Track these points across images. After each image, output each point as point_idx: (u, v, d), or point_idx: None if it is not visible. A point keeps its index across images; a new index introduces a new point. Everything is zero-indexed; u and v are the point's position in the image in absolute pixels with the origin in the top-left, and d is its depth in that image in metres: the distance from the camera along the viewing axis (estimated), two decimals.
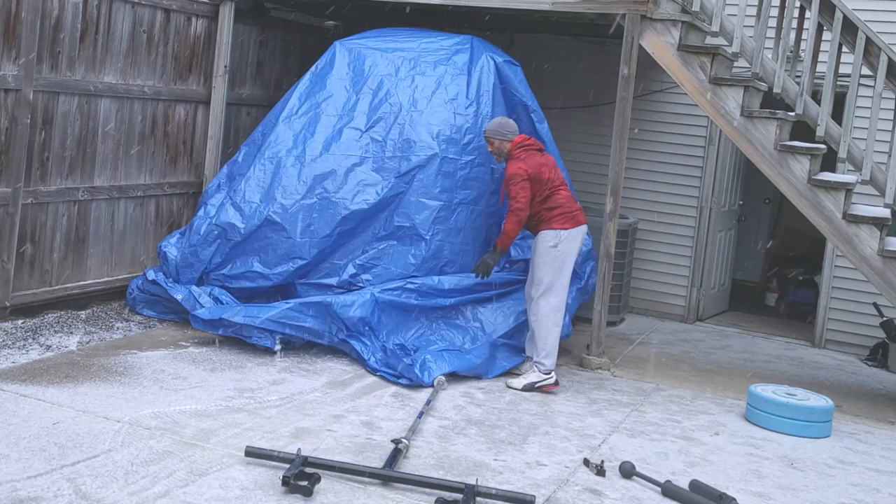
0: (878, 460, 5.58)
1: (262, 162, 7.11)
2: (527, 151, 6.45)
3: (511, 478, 4.68)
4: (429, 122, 7.01)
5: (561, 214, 6.40)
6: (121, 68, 7.13)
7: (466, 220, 6.92)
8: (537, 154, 6.50)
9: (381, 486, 4.40)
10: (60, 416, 4.88)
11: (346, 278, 6.77)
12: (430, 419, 5.47)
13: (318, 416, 5.33)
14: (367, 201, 6.83)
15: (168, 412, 5.10)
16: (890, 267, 6.41)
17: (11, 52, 6.27)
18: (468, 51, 7.32)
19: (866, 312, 8.32)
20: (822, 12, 6.52)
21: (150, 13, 7.33)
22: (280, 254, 6.81)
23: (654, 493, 4.68)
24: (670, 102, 9.02)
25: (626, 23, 6.84)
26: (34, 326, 6.46)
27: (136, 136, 7.36)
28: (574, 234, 6.43)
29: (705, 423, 5.95)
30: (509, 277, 6.93)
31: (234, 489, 4.21)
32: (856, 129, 7.17)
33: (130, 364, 5.92)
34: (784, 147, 6.62)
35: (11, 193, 6.38)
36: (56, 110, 6.67)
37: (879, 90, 6.43)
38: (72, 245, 6.96)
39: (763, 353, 8.18)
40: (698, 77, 6.80)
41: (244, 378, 5.88)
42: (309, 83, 7.42)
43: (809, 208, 6.59)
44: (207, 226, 7.04)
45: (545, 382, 6.27)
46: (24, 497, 3.92)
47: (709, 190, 8.98)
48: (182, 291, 6.83)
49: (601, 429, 5.62)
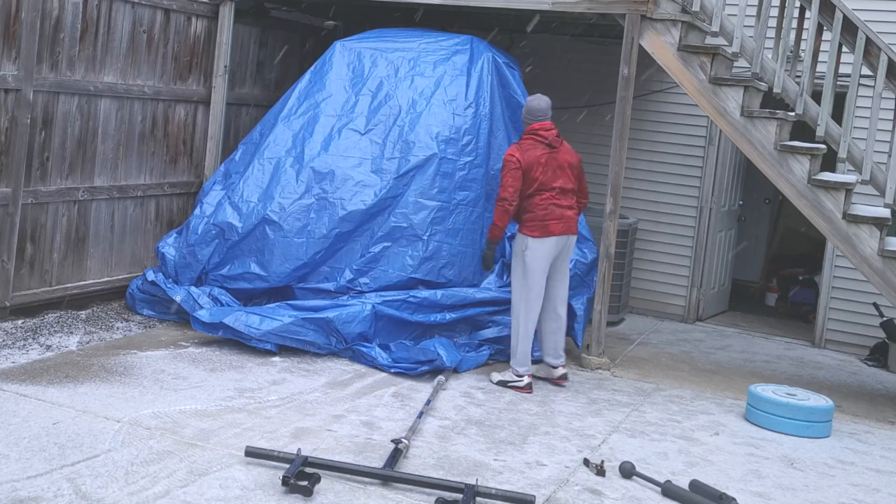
0: (878, 460, 5.58)
1: (261, 161, 7.11)
2: (533, 141, 6.21)
3: (511, 478, 4.68)
4: (428, 122, 7.01)
5: (532, 220, 6.16)
6: (121, 68, 7.13)
7: (465, 221, 6.90)
8: (542, 147, 6.20)
9: (381, 486, 4.40)
10: (60, 416, 4.88)
11: (343, 283, 6.76)
12: (430, 419, 5.47)
13: (318, 416, 5.33)
14: (365, 202, 6.82)
15: (168, 412, 5.10)
16: (890, 267, 6.41)
17: (11, 52, 6.27)
18: (468, 51, 7.32)
19: (866, 312, 8.32)
20: (822, 12, 6.52)
21: (150, 13, 7.33)
22: (277, 254, 6.80)
23: (654, 493, 4.69)
24: (670, 102, 9.02)
25: (626, 23, 6.84)
26: (34, 326, 6.46)
27: (136, 136, 7.36)
28: (541, 244, 6.13)
29: (705, 423, 5.95)
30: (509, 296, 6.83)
31: (234, 489, 4.21)
32: (856, 129, 7.17)
33: (130, 364, 5.92)
34: (784, 147, 6.62)
35: (11, 193, 6.38)
36: (56, 110, 6.67)
37: (879, 90, 6.43)
38: (72, 245, 6.96)
39: (763, 353, 8.18)
40: (698, 77, 6.80)
41: (244, 378, 5.88)
42: (308, 83, 7.42)
43: (809, 208, 6.59)
44: (205, 225, 7.04)
45: (515, 384, 6.23)
46: (24, 497, 3.92)
47: (709, 190, 8.98)
48: (181, 293, 6.83)
49: (601, 429, 5.62)
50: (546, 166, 6.21)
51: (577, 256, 7.05)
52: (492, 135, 7.13)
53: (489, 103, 7.16)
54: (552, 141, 6.27)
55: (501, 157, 7.07)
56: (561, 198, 6.26)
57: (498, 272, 6.99)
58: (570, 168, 6.35)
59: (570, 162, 6.36)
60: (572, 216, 6.32)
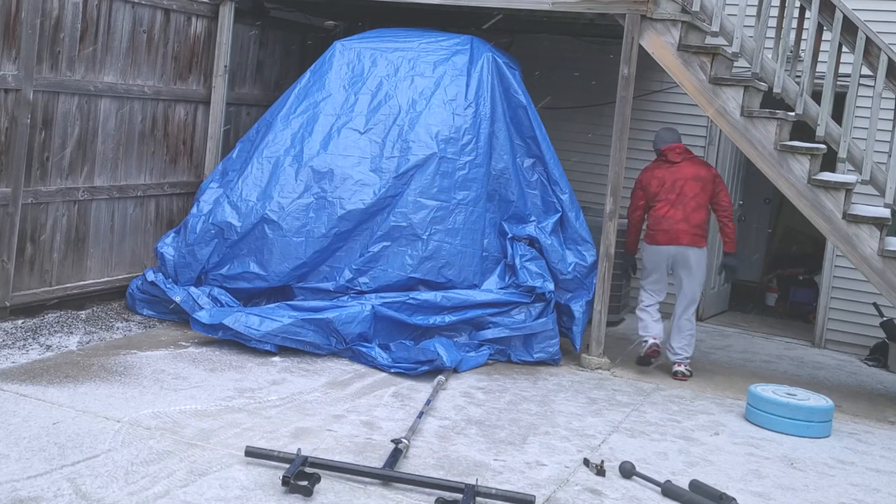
0: (878, 460, 5.58)
1: (260, 161, 7.11)
2: (656, 161, 7.09)
3: (511, 478, 4.68)
4: (427, 122, 7.00)
5: (648, 228, 7.07)
6: (121, 68, 7.13)
7: (465, 220, 6.89)
8: (663, 164, 7.03)
9: (381, 486, 4.40)
10: (60, 416, 4.88)
11: (343, 283, 6.76)
12: (430, 419, 5.47)
13: (318, 416, 5.33)
14: (364, 201, 6.82)
15: (168, 412, 5.10)
16: (890, 267, 6.41)
17: (11, 51, 6.27)
18: (468, 51, 7.31)
19: (866, 312, 8.33)
20: (822, 12, 6.52)
21: (150, 13, 7.33)
22: (277, 254, 6.80)
23: (654, 493, 4.69)
24: (670, 102, 9.02)
25: (626, 23, 6.84)
26: (34, 326, 6.46)
27: (136, 136, 7.36)
28: (650, 250, 7.03)
29: (705, 423, 5.95)
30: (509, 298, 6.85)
31: (234, 489, 4.21)
32: (856, 129, 7.16)
33: (130, 364, 5.92)
34: (784, 147, 6.62)
35: (11, 193, 6.38)
36: (56, 110, 6.67)
37: (879, 90, 6.43)
38: (72, 245, 6.96)
39: (763, 353, 8.18)
40: (698, 77, 6.79)
41: (244, 378, 5.88)
42: (308, 83, 7.43)
43: (809, 208, 6.59)
44: (203, 224, 7.03)
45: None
46: (24, 497, 3.92)
47: None
48: (181, 293, 6.83)
49: (601, 429, 5.62)
50: (659, 181, 6.99)
51: (576, 259, 7.05)
52: (492, 135, 7.13)
53: (489, 103, 7.16)
54: (671, 158, 7.05)
55: (503, 157, 7.10)
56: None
57: (500, 273, 6.97)
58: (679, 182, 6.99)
59: (686, 177, 6.98)
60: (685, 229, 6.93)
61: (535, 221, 7.10)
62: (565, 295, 7.02)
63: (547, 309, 6.87)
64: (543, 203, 7.22)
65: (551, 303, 6.89)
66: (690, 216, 6.86)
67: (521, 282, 6.81)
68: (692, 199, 6.88)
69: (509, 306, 6.80)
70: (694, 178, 6.92)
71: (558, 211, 7.17)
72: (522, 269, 6.83)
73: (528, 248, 6.98)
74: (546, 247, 6.97)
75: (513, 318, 6.80)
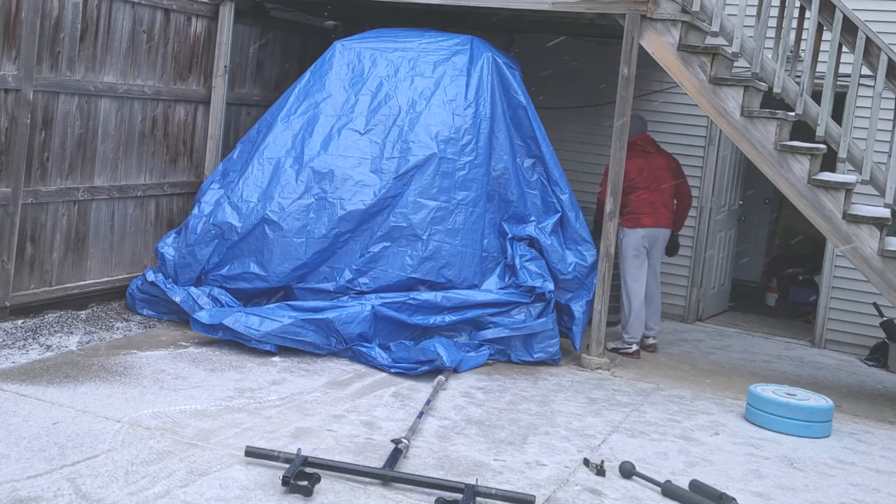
0: (878, 460, 5.58)
1: (261, 161, 7.11)
2: (631, 150, 7.22)
3: (511, 478, 4.68)
4: (427, 122, 7.00)
5: (628, 213, 7.42)
6: (121, 68, 7.13)
7: (465, 221, 6.89)
8: (639, 153, 7.43)
9: (381, 486, 4.40)
10: (60, 416, 4.88)
11: (343, 283, 6.76)
12: (430, 419, 5.47)
13: (318, 416, 5.33)
14: (364, 202, 6.82)
15: (168, 412, 5.10)
16: (890, 267, 6.41)
17: (11, 52, 6.27)
18: (468, 51, 7.31)
19: (866, 312, 8.32)
20: (822, 12, 6.52)
21: (150, 13, 7.33)
22: (277, 254, 6.80)
23: (654, 493, 4.68)
24: (670, 102, 9.02)
25: (626, 23, 6.84)
26: (34, 326, 6.46)
27: (136, 136, 7.36)
28: (635, 234, 7.44)
29: (705, 423, 5.95)
30: (509, 299, 6.85)
31: (234, 489, 4.21)
32: (856, 129, 7.16)
33: (130, 364, 5.92)
34: (784, 147, 6.62)
35: (11, 193, 6.38)
36: (56, 110, 6.67)
37: (879, 90, 6.43)
38: (72, 245, 6.96)
39: (763, 353, 8.18)
40: (698, 77, 6.80)
41: (244, 378, 5.88)
42: (308, 83, 7.42)
43: (809, 208, 6.59)
44: (204, 225, 7.04)
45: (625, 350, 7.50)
46: (24, 497, 3.92)
47: (709, 190, 8.98)
48: (181, 293, 6.83)
49: (601, 429, 5.62)
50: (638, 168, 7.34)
51: (576, 259, 7.04)
52: (493, 135, 7.12)
53: (489, 103, 7.15)
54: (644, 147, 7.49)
55: (503, 158, 7.10)
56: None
57: (500, 273, 6.96)
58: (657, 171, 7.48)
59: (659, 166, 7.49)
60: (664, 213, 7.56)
61: (534, 221, 7.10)
62: (565, 295, 7.02)
63: (547, 309, 6.87)
64: (543, 203, 7.21)
65: (551, 303, 6.89)
66: (668, 202, 7.64)
67: (521, 282, 6.81)
68: (667, 187, 7.60)
69: (509, 306, 6.79)
70: (667, 167, 7.63)
71: (558, 211, 7.17)
72: (522, 270, 6.83)
73: (528, 248, 6.97)
74: (546, 247, 6.97)
75: (513, 318, 6.80)
